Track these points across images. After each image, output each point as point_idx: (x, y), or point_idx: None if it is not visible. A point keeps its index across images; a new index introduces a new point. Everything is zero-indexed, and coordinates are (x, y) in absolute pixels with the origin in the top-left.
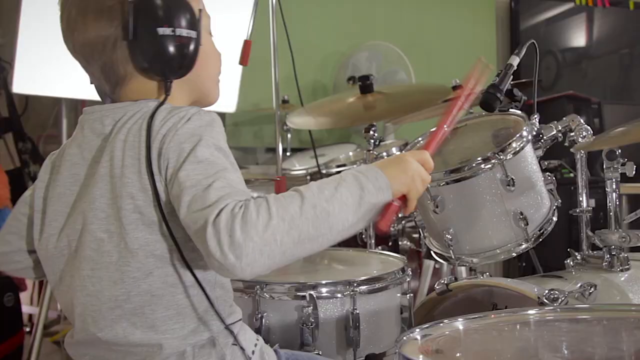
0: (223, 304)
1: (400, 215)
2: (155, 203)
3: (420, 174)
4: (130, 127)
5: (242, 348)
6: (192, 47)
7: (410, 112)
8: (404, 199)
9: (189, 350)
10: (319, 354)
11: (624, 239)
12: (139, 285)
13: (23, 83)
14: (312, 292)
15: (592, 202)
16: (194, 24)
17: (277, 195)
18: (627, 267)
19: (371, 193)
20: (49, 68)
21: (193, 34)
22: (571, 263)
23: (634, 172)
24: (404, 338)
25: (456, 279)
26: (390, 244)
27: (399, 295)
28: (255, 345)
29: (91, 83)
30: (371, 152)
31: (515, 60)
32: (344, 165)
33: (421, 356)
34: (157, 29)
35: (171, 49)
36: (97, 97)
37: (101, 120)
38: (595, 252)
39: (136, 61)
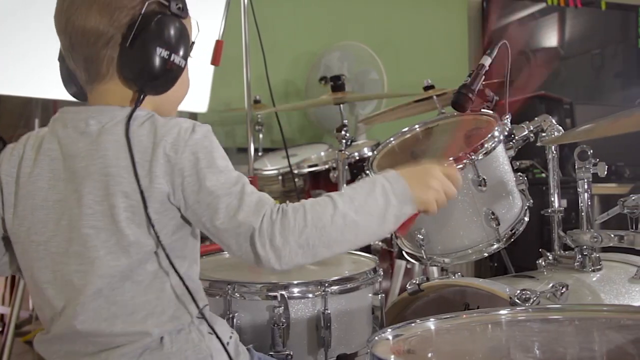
0: (196, 294)
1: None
2: (142, 204)
3: (445, 189)
4: (121, 130)
5: (218, 337)
6: (177, 74)
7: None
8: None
9: (166, 336)
10: (290, 354)
11: (595, 239)
12: (126, 277)
13: None
14: (283, 292)
15: (564, 203)
16: (186, 56)
17: (313, 202)
18: (599, 267)
19: (395, 207)
20: (20, 68)
21: (183, 63)
22: (543, 263)
23: (605, 173)
24: (376, 338)
25: (428, 279)
26: None
27: (370, 295)
28: (230, 337)
29: (58, 59)
30: (343, 152)
31: (487, 61)
32: (315, 165)
33: (393, 356)
34: (157, 48)
35: (160, 70)
36: (70, 98)
37: (86, 121)
38: (567, 252)
39: (122, 67)
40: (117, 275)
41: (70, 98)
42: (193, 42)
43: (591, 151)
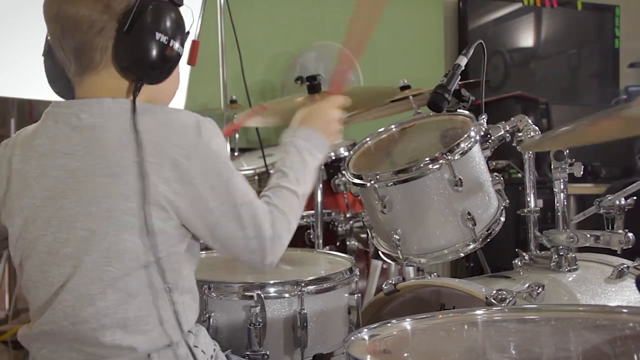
0: (189, 309)
1: None
2: (146, 208)
3: (340, 119)
4: (120, 126)
5: (202, 352)
6: (174, 61)
7: (357, 111)
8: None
9: (154, 354)
10: (266, 354)
11: (571, 239)
12: (117, 284)
13: None
14: (259, 292)
15: (540, 203)
16: (183, 43)
17: (282, 202)
18: (575, 267)
19: (320, 160)
20: None
21: (181, 50)
22: (519, 263)
23: (581, 173)
24: (352, 338)
25: (404, 279)
26: (338, 244)
27: (346, 295)
28: (214, 350)
29: (43, 54)
30: None
31: (463, 61)
32: None
33: (369, 356)
34: (156, 33)
35: (159, 56)
36: (46, 98)
37: (77, 115)
38: (543, 253)
39: (118, 56)
40: (107, 281)
41: (48, 97)
42: (188, 32)
43: (567, 151)
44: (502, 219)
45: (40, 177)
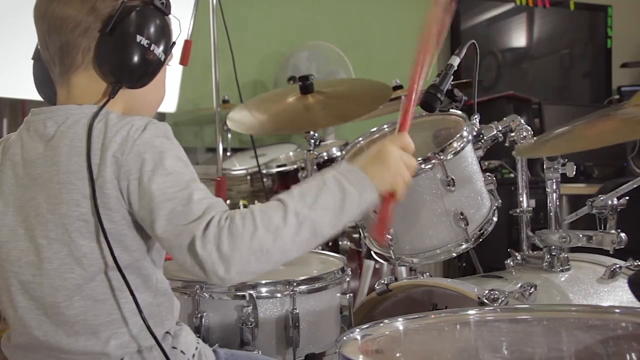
0: (165, 310)
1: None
2: (94, 211)
3: (405, 162)
4: (76, 132)
5: (182, 352)
6: (155, 66)
7: (350, 116)
8: (393, 194)
9: (127, 357)
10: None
11: (564, 239)
12: (82, 290)
13: None
14: (251, 292)
15: (533, 203)
16: (167, 49)
17: (261, 205)
18: (567, 267)
19: (353, 196)
20: None
21: (162, 56)
22: (511, 263)
23: (574, 173)
24: (344, 338)
25: (396, 279)
26: (330, 243)
27: (338, 295)
28: (196, 348)
29: (33, 58)
30: (311, 152)
31: (455, 61)
32: (284, 165)
33: (361, 356)
34: (137, 35)
35: (139, 59)
36: (38, 98)
37: (44, 122)
38: (535, 253)
39: (99, 57)
40: (71, 288)
41: (40, 98)
42: (174, 42)
43: None
44: (495, 219)
45: (14, 187)
